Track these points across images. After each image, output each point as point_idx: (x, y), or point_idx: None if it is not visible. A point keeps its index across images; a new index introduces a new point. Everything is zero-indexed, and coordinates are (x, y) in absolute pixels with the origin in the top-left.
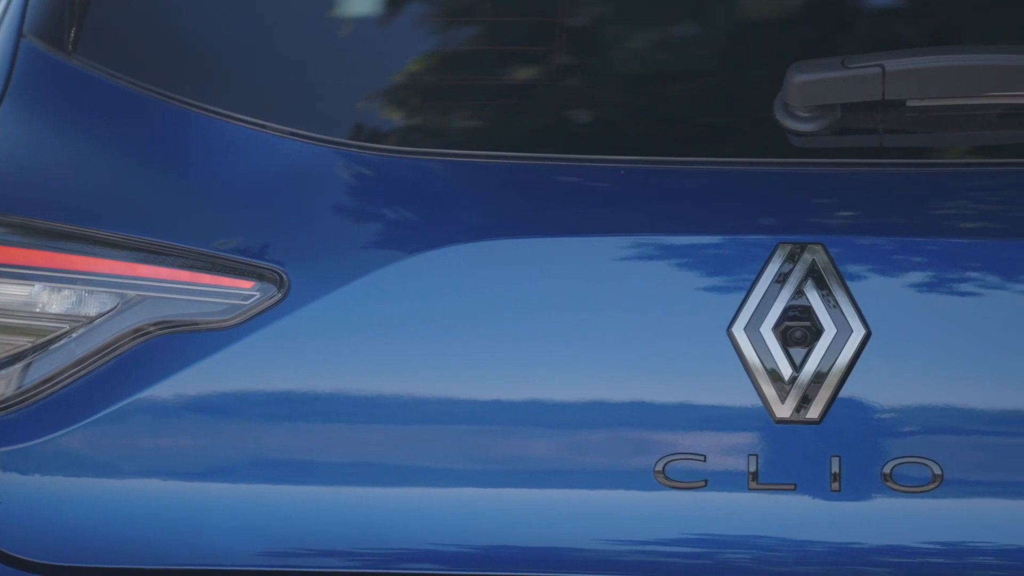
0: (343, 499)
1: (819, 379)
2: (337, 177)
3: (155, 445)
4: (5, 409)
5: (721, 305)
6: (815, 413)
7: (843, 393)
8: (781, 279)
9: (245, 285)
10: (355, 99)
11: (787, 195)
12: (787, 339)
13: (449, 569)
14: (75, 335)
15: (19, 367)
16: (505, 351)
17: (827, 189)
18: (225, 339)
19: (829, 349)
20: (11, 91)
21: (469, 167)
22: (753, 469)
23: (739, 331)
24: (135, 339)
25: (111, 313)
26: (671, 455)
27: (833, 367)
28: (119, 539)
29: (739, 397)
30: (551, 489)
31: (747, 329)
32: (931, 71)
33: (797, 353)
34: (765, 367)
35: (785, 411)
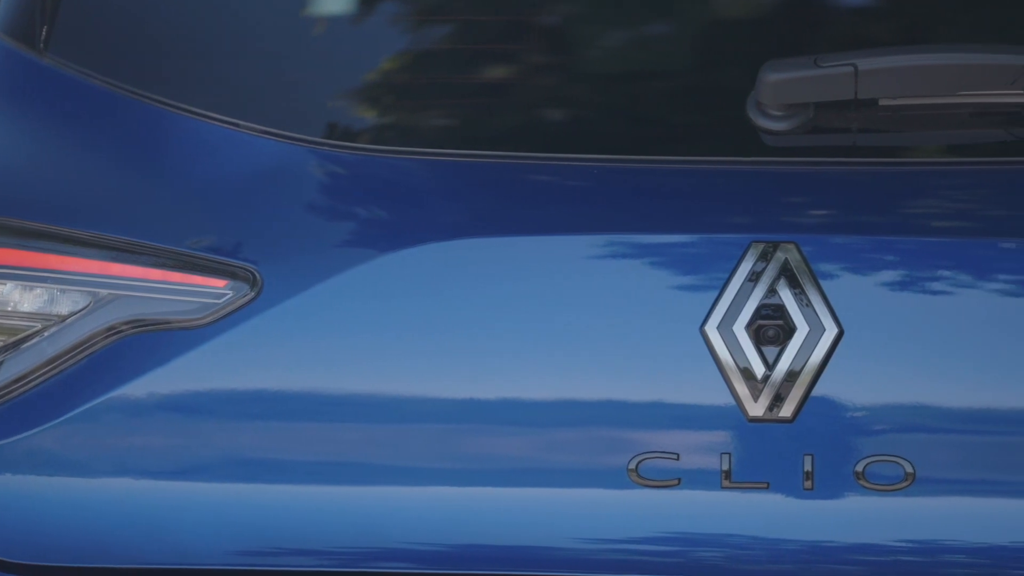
0: (316, 498)
1: (792, 378)
2: (311, 176)
3: (128, 444)
4: None
5: (694, 304)
6: (788, 412)
7: (816, 392)
8: (754, 278)
9: (218, 284)
10: (328, 98)
11: (760, 194)
12: (760, 338)
13: (423, 568)
14: (47, 334)
15: None
16: (478, 350)
17: (800, 188)
18: (198, 338)
19: (802, 348)
20: None
21: (443, 166)
22: (726, 468)
23: (712, 330)
24: (107, 338)
25: (83, 312)
26: (644, 454)
27: (806, 366)
28: (92, 538)
29: (712, 396)
30: (524, 488)
31: (720, 328)
32: (903, 70)
33: (770, 352)
34: (738, 366)
35: (758, 410)
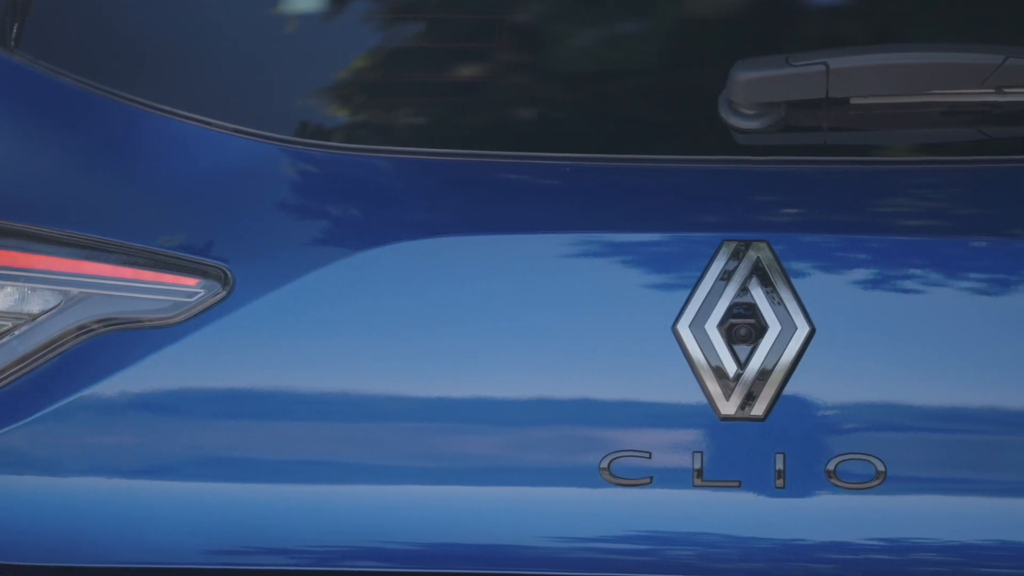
0: (289, 497)
1: (764, 376)
2: (282, 174)
3: (99, 443)
4: None
5: (666, 302)
6: (759, 410)
7: (787, 390)
8: (726, 276)
9: (189, 282)
10: (300, 96)
11: (732, 192)
12: (732, 336)
13: (394, 566)
14: (18, 332)
15: None
16: (450, 348)
17: (772, 186)
18: (169, 336)
19: (774, 346)
20: None
21: (414, 164)
22: (698, 466)
23: (684, 328)
24: (78, 336)
25: (54, 310)
26: (616, 452)
27: (777, 364)
28: (62, 537)
29: (684, 394)
30: (497, 486)
31: (692, 326)
32: (875, 69)
33: (742, 350)
34: (710, 364)
35: (730, 408)
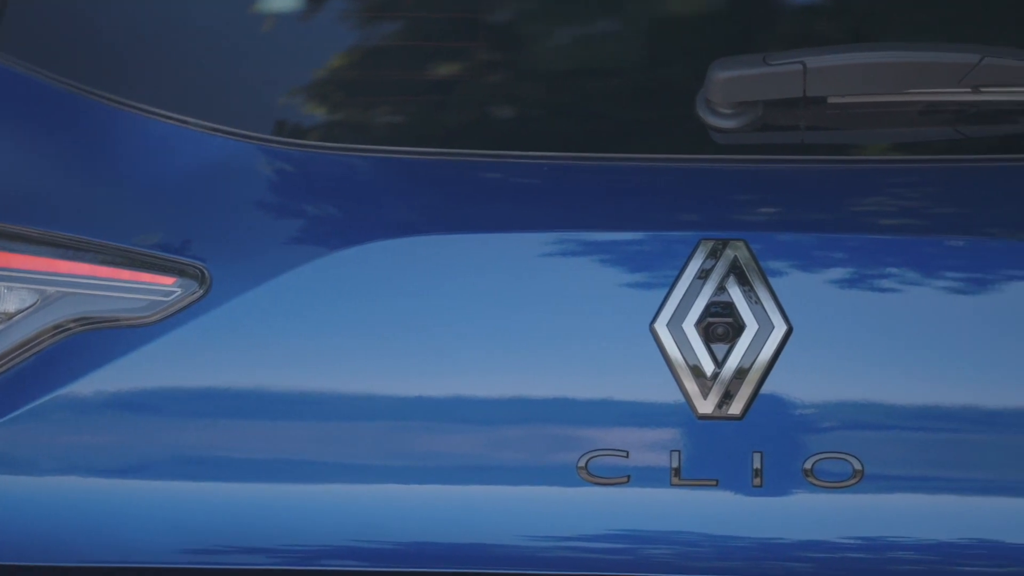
0: (263, 496)
1: (741, 375)
2: (259, 173)
3: (75, 442)
4: None
5: (643, 301)
6: (737, 409)
7: (765, 389)
8: (703, 275)
9: (166, 281)
10: (277, 95)
11: (709, 191)
12: (709, 335)
13: (370, 565)
14: None
15: None
16: (427, 347)
17: (749, 185)
18: (146, 335)
19: (751, 345)
20: None
21: (391, 163)
22: (675, 465)
23: (661, 327)
24: (55, 336)
25: (30, 309)
26: (593, 451)
27: (755, 363)
28: (37, 536)
29: (661, 393)
30: (473, 485)
31: (669, 325)
32: (852, 68)
33: (719, 349)
34: (687, 363)
35: (707, 407)
